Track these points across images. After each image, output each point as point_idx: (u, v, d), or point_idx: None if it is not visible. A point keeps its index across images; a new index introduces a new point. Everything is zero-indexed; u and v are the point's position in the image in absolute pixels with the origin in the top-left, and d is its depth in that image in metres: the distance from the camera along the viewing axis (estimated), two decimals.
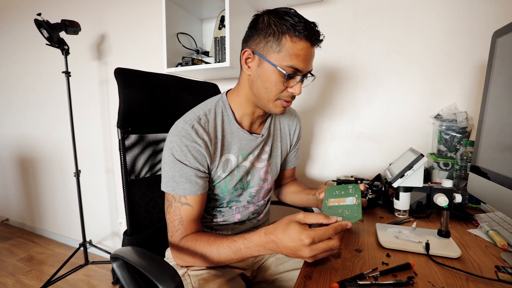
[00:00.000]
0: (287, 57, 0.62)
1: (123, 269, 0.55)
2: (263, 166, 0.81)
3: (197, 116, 0.69)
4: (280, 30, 0.62)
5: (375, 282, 0.46)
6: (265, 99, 0.68)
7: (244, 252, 0.58)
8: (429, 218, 0.78)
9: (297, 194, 0.93)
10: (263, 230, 0.57)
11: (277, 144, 0.86)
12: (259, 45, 0.65)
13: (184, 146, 0.65)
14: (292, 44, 0.62)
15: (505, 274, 0.48)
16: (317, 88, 1.31)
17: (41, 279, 1.77)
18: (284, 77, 0.64)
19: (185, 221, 0.67)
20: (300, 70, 0.65)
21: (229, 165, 0.74)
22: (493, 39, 0.67)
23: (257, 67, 0.66)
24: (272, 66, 0.64)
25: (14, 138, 2.45)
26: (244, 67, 0.69)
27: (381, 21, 1.16)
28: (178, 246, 0.66)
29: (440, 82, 1.10)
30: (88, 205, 2.07)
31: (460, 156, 0.87)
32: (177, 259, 0.68)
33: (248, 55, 0.67)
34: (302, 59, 0.63)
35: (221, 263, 0.62)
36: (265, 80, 0.66)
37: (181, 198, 0.66)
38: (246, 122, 0.76)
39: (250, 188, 0.81)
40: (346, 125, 1.28)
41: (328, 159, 1.33)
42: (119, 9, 1.75)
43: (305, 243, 0.49)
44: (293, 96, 0.69)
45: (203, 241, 0.63)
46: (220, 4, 1.30)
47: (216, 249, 0.61)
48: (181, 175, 0.66)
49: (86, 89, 1.95)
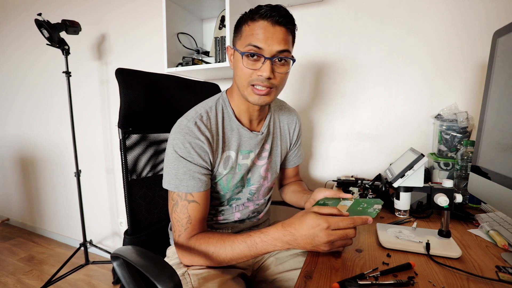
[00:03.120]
0: (245, 39, 0.66)
1: (123, 268, 0.56)
2: (263, 164, 0.82)
3: (199, 114, 0.70)
4: (242, 20, 0.68)
5: (376, 282, 0.46)
6: (240, 86, 0.70)
7: (260, 246, 0.58)
8: (429, 218, 0.78)
9: (295, 193, 0.93)
10: (280, 223, 0.58)
11: (277, 142, 0.86)
12: (234, 40, 0.72)
13: (187, 143, 0.66)
14: (248, 27, 0.66)
15: (506, 274, 0.48)
16: (318, 88, 1.31)
17: (41, 279, 1.77)
18: (248, 57, 0.65)
19: (193, 219, 0.66)
20: (260, 48, 0.63)
21: (229, 161, 0.74)
22: (494, 39, 0.66)
23: (234, 59, 0.71)
24: (237, 53, 0.67)
25: (15, 138, 2.46)
26: (230, 63, 0.74)
27: (381, 21, 1.16)
28: (188, 245, 0.65)
29: (441, 82, 1.10)
30: (89, 205, 2.08)
31: (460, 156, 0.87)
32: (185, 259, 0.67)
33: (229, 50, 0.74)
34: (260, 37, 0.63)
35: (232, 260, 0.61)
36: (236, 67, 0.70)
37: (187, 195, 0.66)
38: (245, 119, 0.77)
39: (250, 186, 0.81)
40: (347, 125, 1.28)
41: (328, 159, 1.33)
42: (120, 9, 1.75)
43: (322, 227, 0.52)
44: (266, 80, 0.65)
45: (216, 238, 0.62)
46: (221, 4, 1.30)
47: (230, 245, 0.60)
48: (184, 172, 0.65)
49: (87, 89, 1.95)
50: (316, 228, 0.52)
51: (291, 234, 0.55)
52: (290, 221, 0.57)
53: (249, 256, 0.60)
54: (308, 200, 0.79)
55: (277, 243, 0.57)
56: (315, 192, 0.76)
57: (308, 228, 0.53)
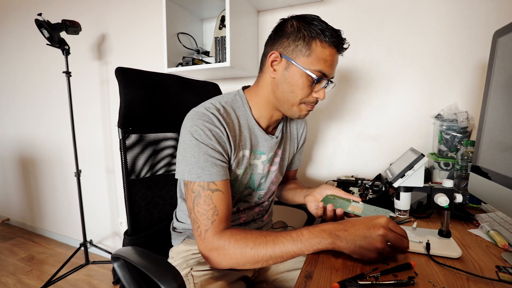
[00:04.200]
0: (316, 61, 0.63)
1: (124, 269, 0.56)
2: (275, 169, 0.81)
3: (216, 106, 0.66)
4: (310, 34, 0.63)
5: (376, 282, 0.46)
6: (290, 102, 0.68)
7: (306, 238, 0.53)
8: (429, 218, 0.78)
9: (290, 190, 0.94)
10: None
11: (286, 147, 0.85)
12: (287, 49, 0.65)
13: (207, 129, 0.62)
14: (322, 49, 0.63)
15: (506, 274, 0.48)
16: None
17: (41, 279, 1.77)
18: (313, 81, 0.65)
19: (220, 211, 0.59)
20: (326, 75, 0.66)
21: (244, 161, 0.72)
22: (494, 39, 0.66)
23: (284, 70, 0.66)
24: (300, 69, 0.64)
25: (15, 138, 2.46)
26: (269, 69, 0.68)
27: (382, 21, 1.16)
28: (220, 241, 0.57)
29: (441, 82, 1.10)
30: (89, 205, 2.08)
31: (460, 156, 0.87)
32: (215, 259, 0.58)
33: (275, 58, 0.67)
34: (329, 65, 0.65)
35: (271, 259, 0.54)
36: (292, 84, 0.66)
37: (210, 184, 0.60)
38: (263, 124, 0.75)
39: (260, 190, 0.80)
40: (347, 125, 1.28)
41: (328, 158, 1.33)
42: (120, 9, 1.75)
43: (381, 223, 0.52)
44: (317, 101, 0.70)
45: (255, 233, 0.57)
46: (221, 4, 1.30)
47: (273, 240, 0.54)
48: (206, 159, 0.60)
49: (87, 89, 1.95)
50: (375, 220, 0.53)
51: (344, 227, 0.53)
52: (347, 219, 0.57)
53: (291, 253, 0.53)
54: (310, 193, 0.79)
55: (324, 235, 0.53)
56: (322, 187, 0.76)
57: (367, 219, 0.53)
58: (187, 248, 0.77)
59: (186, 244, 0.78)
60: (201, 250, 0.60)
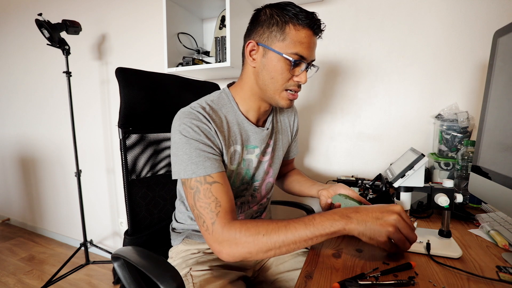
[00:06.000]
0: (291, 44, 0.64)
1: (124, 269, 0.56)
2: (267, 159, 0.81)
3: (201, 105, 0.67)
4: (283, 19, 0.64)
5: (376, 282, 0.46)
6: (271, 90, 0.68)
7: (318, 222, 0.53)
8: (430, 218, 0.78)
9: (300, 182, 0.93)
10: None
11: (279, 137, 0.85)
12: (262, 36, 0.66)
13: (195, 126, 0.62)
14: (296, 32, 0.63)
15: (506, 274, 0.48)
16: (318, 88, 1.31)
17: (42, 279, 1.77)
18: (291, 64, 0.65)
19: (222, 201, 0.59)
20: (305, 58, 0.66)
21: (236, 156, 0.72)
22: (494, 38, 0.66)
23: (262, 58, 0.67)
24: (277, 54, 0.64)
25: (15, 138, 2.46)
26: (248, 59, 0.69)
27: (382, 21, 1.16)
28: (230, 231, 0.55)
29: (441, 82, 1.10)
30: (89, 205, 2.08)
31: (461, 156, 0.87)
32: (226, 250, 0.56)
33: (252, 47, 0.68)
34: (306, 47, 0.65)
35: (284, 246, 0.53)
36: (271, 70, 0.66)
37: (206, 178, 0.60)
38: (252, 117, 0.75)
39: (255, 182, 0.80)
40: (347, 125, 1.28)
41: (328, 158, 1.33)
42: (120, 9, 1.75)
43: (395, 209, 0.52)
44: (299, 85, 0.70)
45: (266, 221, 0.56)
46: (221, 4, 1.30)
47: (285, 225, 0.53)
48: (198, 154, 0.61)
49: (87, 89, 1.95)
50: (388, 207, 0.53)
51: (357, 209, 0.54)
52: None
53: (304, 238, 0.52)
54: (324, 188, 0.80)
55: (335, 217, 0.53)
56: (338, 185, 0.77)
57: (380, 207, 0.53)
58: (186, 248, 0.77)
59: (185, 244, 0.78)
60: (211, 244, 0.58)
